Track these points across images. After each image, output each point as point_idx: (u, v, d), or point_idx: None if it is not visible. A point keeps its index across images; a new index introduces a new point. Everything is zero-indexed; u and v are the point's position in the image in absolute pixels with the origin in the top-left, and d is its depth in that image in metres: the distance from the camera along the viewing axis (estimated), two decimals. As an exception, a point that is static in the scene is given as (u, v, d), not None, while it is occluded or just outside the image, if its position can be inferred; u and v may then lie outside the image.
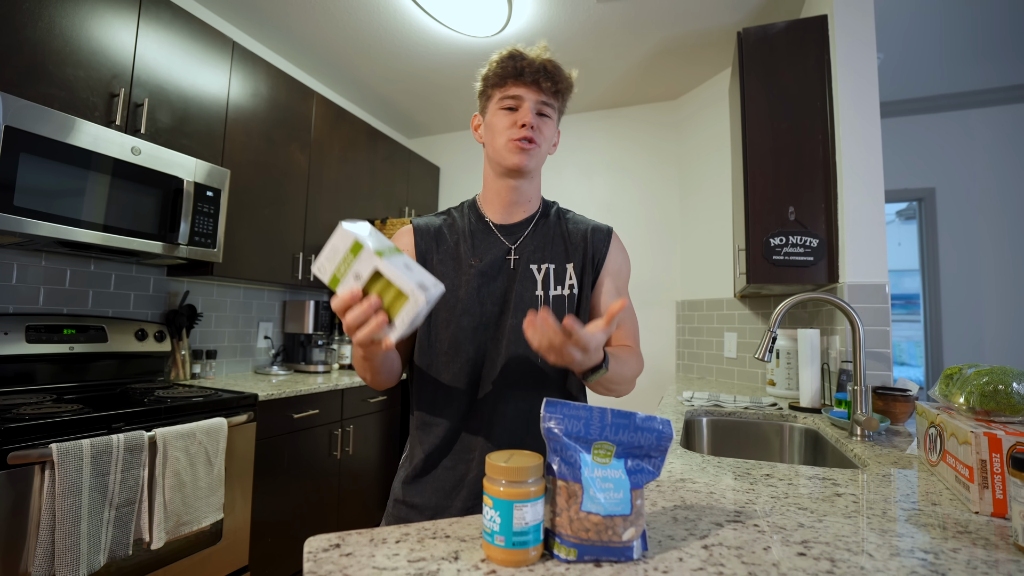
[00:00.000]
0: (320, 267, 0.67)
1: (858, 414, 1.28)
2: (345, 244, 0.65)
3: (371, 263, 0.64)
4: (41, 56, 1.58)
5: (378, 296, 0.64)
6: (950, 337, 3.23)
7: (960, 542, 0.64)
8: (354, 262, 0.65)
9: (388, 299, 0.64)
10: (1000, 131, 3.21)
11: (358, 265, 0.65)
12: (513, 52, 0.92)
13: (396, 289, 0.63)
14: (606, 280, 0.97)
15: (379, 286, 0.64)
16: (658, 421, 0.57)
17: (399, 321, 0.64)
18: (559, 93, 0.93)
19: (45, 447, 1.28)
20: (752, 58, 2.00)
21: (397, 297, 0.64)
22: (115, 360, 1.98)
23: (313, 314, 2.80)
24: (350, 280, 0.65)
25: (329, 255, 0.66)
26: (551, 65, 0.90)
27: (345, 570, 0.52)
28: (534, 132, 0.90)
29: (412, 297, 0.63)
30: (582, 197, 3.50)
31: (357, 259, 0.65)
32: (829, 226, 1.84)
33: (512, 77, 0.91)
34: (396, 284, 0.63)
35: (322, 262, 0.67)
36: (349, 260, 0.65)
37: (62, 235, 1.56)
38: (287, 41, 2.76)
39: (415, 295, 0.62)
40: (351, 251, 0.65)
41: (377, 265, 0.64)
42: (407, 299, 0.63)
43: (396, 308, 0.64)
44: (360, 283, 0.65)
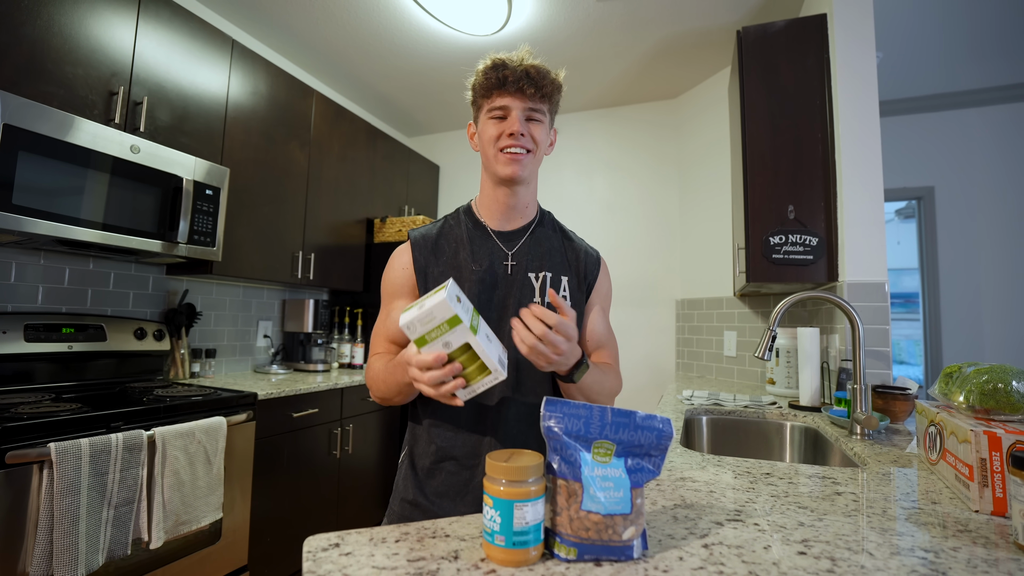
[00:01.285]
0: (410, 325, 0.70)
1: (858, 413, 1.28)
2: (443, 315, 0.69)
3: (464, 337, 0.71)
4: (40, 54, 1.58)
5: (460, 364, 0.72)
6: (949, 335, 3.23)
7: (960, 541, 0.64)
8: (448, 333, 0.70)
9: (469, 367, 0.72)
10: (999, 130, 3.21)
11: (451, 336, 0.70)
12: (496, 62, 0.92)
13: (481, 363, 0.72)
14: (596, 306, 1.02)
15: (465, 356, 0.72)
16: (658, 420, 0.57)
17: (476, 386, 0.73)
18: (545, 96, 0.93)
19: (44, 446, 1.27)
20: (751, 57, 2.00)
21: (480, 369, 0.72)
22: (114, 359, 1.98)
23: (312, 313, 2.80)
24: (438, 345, 0.71)
25: (423, 319, 0.69)
26: (534, 70, 0.90)
27: (344, 569, 0.52)
28: (524, 140, 0.91)
29: (494, 373, 0.72)
30: (582, 196, 3.49)
31: (452, 331, 0.70)
32: (828, 225, 1.84)
33: (496, 88, 0.91)
34: (483, 359, 0.72)
35: (413, 321, 0.70)
36: (443, 329, 0.70)
37: (61, 234, 1.55)
38: (287, 39, 2.75)
39: (497, 372, 0.72)
40: (448, 323, 0.70)
41: (469, 340, 0.71)
42: (489, 373, 0.72)
43: (475, 376, 0.73)
44: (447, 350, 0.71)
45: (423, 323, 0.69)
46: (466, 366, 0.72)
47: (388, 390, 0.89)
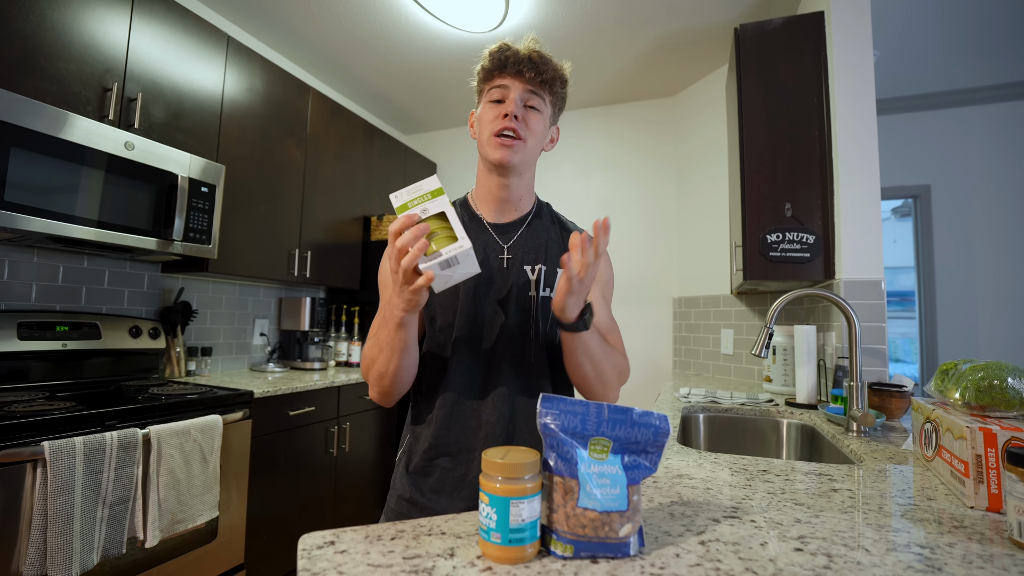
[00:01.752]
0: (397, 195, 0.77)
1: (854, 410, 1.28)
2: (430, 186, 0.77)
3: (442, 206, 0.76)
4: (32, 49, 1.56)
5: (429, 226, 0.73)
6: (945, 333, 3.24)
7: (956, 537, 0.64)
8: (428, 201, 0.76)
9: (438, 234, 0.75)
10: (996, 128, 3.22)
11: (430, 204, 0.76)
12: (501, 45, 0.92)
13: (450, 232, 0.75)
14: (595, 291, 0.98)
15: (435, 225, 0.75)
16: (655, 417, 0.57)
17: (443, 253, 0.73)
18: (546, 83, 0.91)
19: (37, 445, 1.27)
20: (749, 54, 2.00)
21: (448, 238, 0.74)
22: (109, 357, 1.97)
23: (309, 311, 2.79)
24: (416, 212, 0.75)
25: (412, 189, 0.77)
26: (536, 55, 0.90)
27: (340, 567, 0.52)
28: (518, 124, 0.88)
29: (460, 240, 0.74)
30: (579, 194, 3.49)
31: (432, 200, 0.76)
32: (825, 223, 1.84)
33: (498, 69, 0.91)
34: (453, 227, 0.75)
35: (401, 193, 0.77)
36: (426, 198, 0.76)
37: (55, 231, 1.54)
38: (283, 36, 2.74)
39: (463, 239, 0.74)
40: (432, 193, 0.76)
41: (446, 209, 0.76)
42: (455, 240, 0.74)
43: (441, 243, 0.74)
44: (424, 215, 0.75)
45: (410, 193, 0.77)
46: (434, 231, 0.75)
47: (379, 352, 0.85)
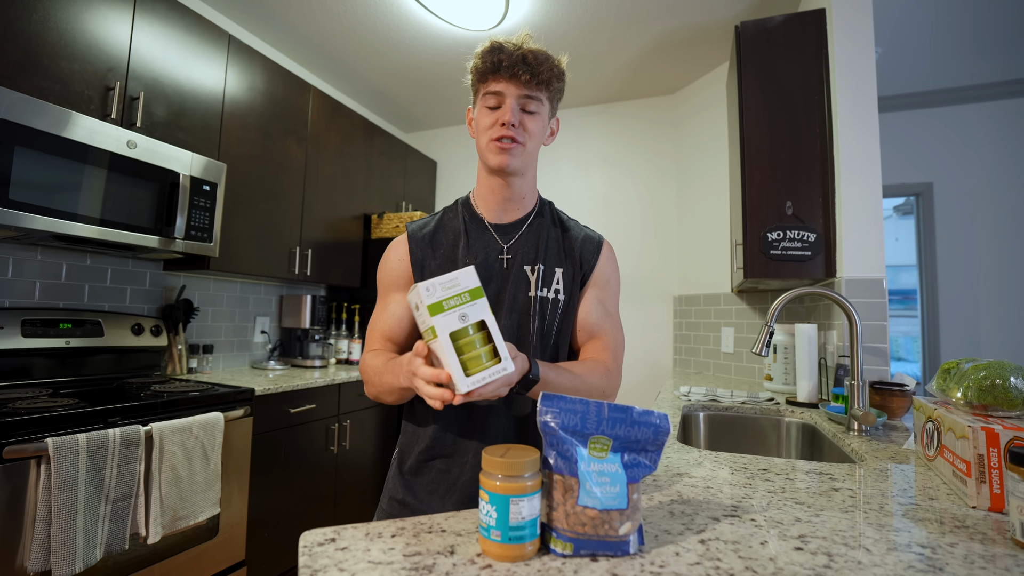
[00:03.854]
0: (430, 287, 0.66)
1: (855, 409, 1.28)
2: (468, 283, 0.67)
3: (483, 314, 0.67)
4: (36, 49, 1.57)
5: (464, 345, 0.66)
6: (947, 332, 3.23)
7: (957, 537, 0.64)
8: (467, 304, 0.66)
9: (476, 350, 0.66)
10: (997, 126, 3.21)
11: (470, 309, 0.66)
12: (493, 45, 0.88)
13: (491, 347, 0.66)
14: (589, 290, 0.95)
15: (472, 339, 0.66)
16: (655, 415, 0.57)
17: (481, 376, 0.64)
18: (542, 84, 0.88)
19: (41, 441, 1.27)
20: (750, 52, 1.99)
21: (489, 354, 0.66)
22: (111, 355, 1.98)
23: (310, 309, 2.79)
24: (454, 317, 0.66)
25: (446, 284, 0.66)
26: (531, 55, 0.86)
27: (340, 564, 0.52)
28: (516, 131, 0.87)
29: (504, 361, 0.66)
30: (579, 192, 3.49)
31: (472, 304, 0.67)
32: (827, 221, 1.84)
33: (492, 72, 0.88)
34: (496, 343, 0.66)
35: (434, 284, 0.66)
36: (464, 299, 0.66)
37: (58, 229, 1.55)
38: (284, 35, 2.74)
39: (507, 361, 0.66)
40: (470, 293, 0.67)
41: (487, 318, 0.67)
42: (497, 361, 0.66)
43: (480, 364, 0.65)
44: (463, 323, 0.66)
45: (444, 287, 0.66)
46: (470, 350, 0.66)
47: (381, 390, 0.86)
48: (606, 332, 0.94)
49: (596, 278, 0.96)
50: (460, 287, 0.66)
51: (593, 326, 0.93)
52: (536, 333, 0.90)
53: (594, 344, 0.93)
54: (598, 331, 0.93)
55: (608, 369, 0.90)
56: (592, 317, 0.93)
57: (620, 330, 0.97)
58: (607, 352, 0.93)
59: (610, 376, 0.90)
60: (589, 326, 0.93)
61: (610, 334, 0.94)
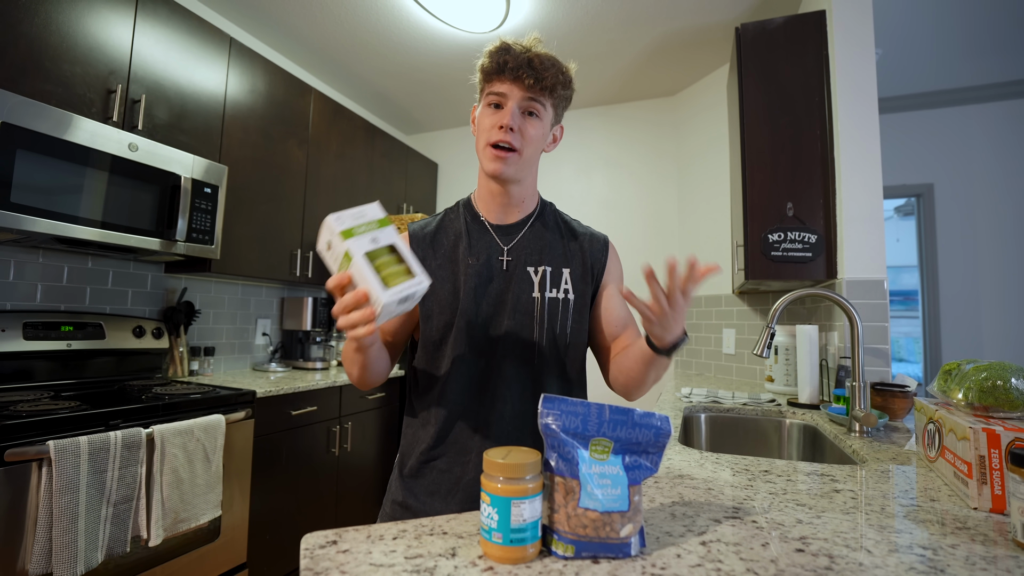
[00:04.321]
0: (339, 218, 0.69)
1: (856, 410, 1.28)
2: (375, 214, 0.71)
3: (392, 237, 0.71)
4: (38, 52, 1.57)
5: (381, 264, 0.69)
6: (948, 333, 3.23)
7: (959, 538, 0.64)
8: (377, 230, 0.70)
9: (391, 270, 0.68)
10: (999, 127, 3.21)
11: (380, 233, 0.70)
12: (501, 45, 0.88)
13: (405, 267, 0.69)
14: (610, 286, 0.98)
15: (387, 259, 0.69)
16: (656, 418, 0.57)
17: (396, 289, 0.67)
18: (546, 89, 0.87)
19: (42, 444, 1.27)
20: (750, 54, 1.99)
21: (403, 273, 0.69)
22: (113, 357, 1.98)
23: (311, 311, 2.79)
24: (365, 240, 0.69)
25: (355, 215, 0.70)
26: (537, 60, 0.86)
27: (342, 567, 0.52)
28: (513, 136, 0.86)
29: (418, 276, 0.69)
30: (580, 193, 3.49)
31: (381, 229, 0.70)
32: (827, 222, 1.84)
33: (496, 73, 0.87)
34: (408, 262, 0.70)
35: (343, 215, 0.69)
36: (373, 226, 0.70)
37: (60, 232, 1.55)
38: (285, 37, 2.74)
39: (420, 275, 0.70)
40: (379, 222, 0.71)
41: (396, 241, 0.71)
42: (412, 277, 0.69)
43: (396, 278, 0.68)
44: (375, 245, 0.69)
45: (353, 217, 0.70)
46: (387, 267, 0.69)
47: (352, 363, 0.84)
48: (634, 323, 0.98)
49: (611, 275, 0.99)
50: (368, 217, 0.70)
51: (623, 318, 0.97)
52: (546, 333, 0.90)
53: (629, 334, 0.96)
54: (628, 322, 0.97)
55: None
56: (621, 310, 0.97)
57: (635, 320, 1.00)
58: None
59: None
60: (621, 319, 0.97)
61: (634, 325, 0.98)
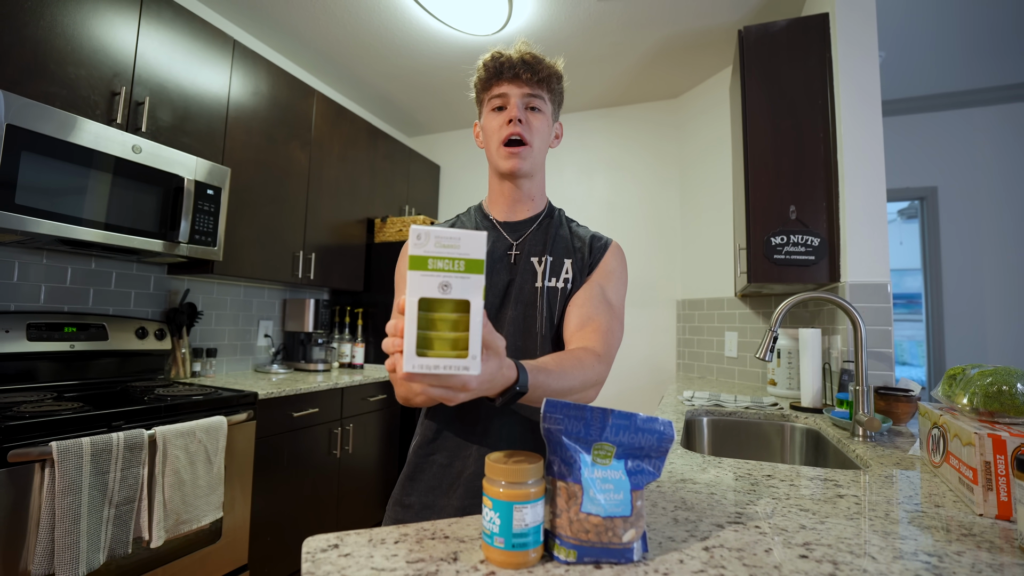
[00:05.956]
0: (422, 236, 0.52)
1: (860, 414, 1.27)
2: (471, 250, 0.53)
3: (474, 295, 0.53)
4: (43, 54, 1.58)
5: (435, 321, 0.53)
6: (952, 337, 3.22)
7: (964, 545, 0.63)
8: (458, 275, 0.53)
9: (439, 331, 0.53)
10: (1002, 130, 3.20)
11: (460, 281, 0.53)
12: (493, 53, 0.94)
13: (462, 338, 0.53)
14: (591, 279, 0.93)
15: (445, 318, 0.53)
16: (659, 422, 0.57)
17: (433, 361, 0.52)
18: (543, 82, 0.93)
19: (45, 445, 1.28)
20: (753, 56, 1.99)
21: (454, 344, 0.53)
22: (115, 358, 1.98)
23: (313, 312, 2.80)
24: (434, 281, 0.52)
25: (444, 239, 0.52)
26: (530, 57, 0.92)
27: (343, 571, 0.52)
28: (523, 127, 0.91)
29: (470, 360, 0.52)
30: (582, 196, 3.49)
31: (466, 276, 0.53)
32: (831, 225, 1.83)
33: (495, 77, 0.93)
34: (472, 336, 0.53)
35: (429, 235, 0.52)
36: (458, 267, 0.53)
37: (63, 233, 1.55)
38: (288, 39, 2.75)
39: (473, 363, 0.52)
40: (468, 264, 0.53)
41: (474, 301, 0.53)
42: (463, 356, 0.52)
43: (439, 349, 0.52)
44: (442, 295, 0.52)
45: (440, 243, 0.52)
46: (437, 329, 0.52)
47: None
48: (598, 319, 0.89)
49: (600, 268, 0.95)
50: (459, 251, 0.52)
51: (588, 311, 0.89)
52: (547, 323, 0.91)
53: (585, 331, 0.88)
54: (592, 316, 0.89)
55: (598, 355, 0.83)
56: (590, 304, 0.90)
57: (617, 320, 0.91)
58: (597, 337, 0.86)
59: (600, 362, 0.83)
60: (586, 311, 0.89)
61: (603, 321, 0.89)
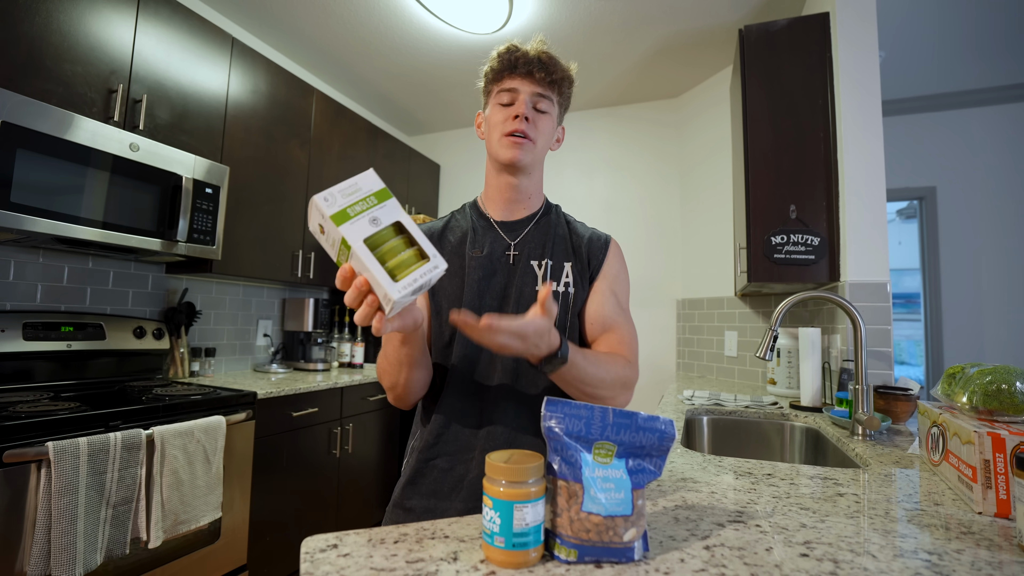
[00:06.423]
0: (328, 197, 0.57)
1: (859, 413, 1.27)
2: (370, 185, 0.58)
3: (395, 213, 0.58)
4: (39, 51, 1.57)
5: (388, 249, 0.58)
6: (950, 336, 3.22)
7: (964, 543, 0.63)
8: (376, 207, 0.58)
9: (399, 257, 0.58)
10: (1001, 130, 3.20)
11: (380, 211, 0.57)
12: (509, 46, 0.92)
13: (416, 250, 0.58)
14: (600, 283, 0.95)
15: (393, 242, 0.58)
16: (661, 421, 0.57)
17: (407, 280, 0.56)
18: (554, 83, 0.92)
19: (42, 445, 1.27)
20: (753, 56, 1.99)
21: (415, 256, 0.58)
22: (113, 358, 1.97)
23: (312, 312, 2.79)
24: (363, 221, 0.56)
25: (346, 190, 0.57)
26: (545, 56, 0.91)
27: (342, 571, 0.51)
28: (528, 126, 0.89)
29: (432, 259, 0.58)
30: (582, 195, 3.49)
31: (381, 205, 0.58)
32: (830, 224, 1.83)
33: (507, 70, 0.91)
34: (420, 243, 0.58)
35: (333, 193, 0.57)
36: (371, 203, 0.57)
37: (60, 232, 1.55)
38: (287, 37, 2.74)
39: (436, 258, 0.58)
40: (376, 195, 0.58)
41: (401, 217, 0.58)
42: (426, 260, 0.58)
43: (407, 267, 0.57)
44: (376, 227, 0.57)
45: (345, 195, 0.57)
46: (395, 253, 0.57)
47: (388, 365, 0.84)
48: (620, 326, 0.92)
49: (605, 272, 0.96)
50: (362, 191, 0.58)
51: (607, 318, 0.92)
52: None
53: (609, 337, 0.91)
54: (612, 324, 0.92)
55: (629, 361, 0.89)
56: (606, 309, 0.92)
57: (633, 326, 0.95)
58: (624, 347, 0.91)
59: (631, 368, 0.89)
60: (603, 318, 0.92)
61: (624, 330, 0.92)
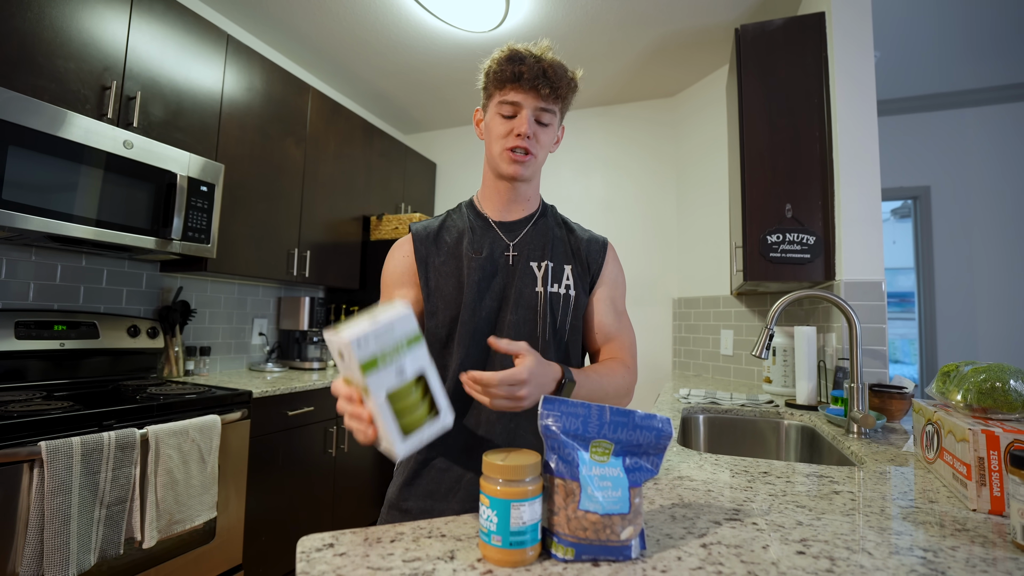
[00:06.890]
0: (361, 341, 0.53)
1: (855, 411, 1.28)
2: (405, 329, 0.56)
3: (422, 361, 0.58)
4: (31, 47, 1.56)
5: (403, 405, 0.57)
6: (944, 335, 3.24)
7: (958, 540, 0.64)
8: (405, 353, 0.56)
9: (414, 415, 0.57)
10: (995, 130, 3.22)
11: (408, 360, 0.56)
12: (512, 54, 0.88)
13: (429, 402, 0.58)
14: (600, 290, 0.98)
15: (413, 396, 0.57)
16: (657, 419, 0.57)
17: (413, 439, 0.57)
18: (559, 98, 0.90)
19: (34, 445, 1.26)
20: (749, 55, 1.99)
21: (427, 413, 0.58)
22: (107, 357, 1.96)
23: (308, 310, 2.78)
24: (390, 371, 0.55)
25: (380, 332, 0.54)
26: (551, 70, 0.87)
27: (339, 570, 0.51)
28: (530, 142, 0.89)
29: (441, 416, 0.59)
30: (579, 194, 3.49)
31: (411, 350, 0.56)
32: (826, 224, 1.84)
33: (510, 81, 0.87)
34: (435, 395, 0.59)
35: (367, 336, 0.53)
36: (401, 349, 0.56)
37: (53, 230, 1.53)
38: (282, 35, 2.73)
39: (445, 415, 0.59)
40: (408, 341, 0.56)
41: (426, 366, 0.58)
42: (435, 416, 0.58)
43: (418, 425, 0.57)
44: (400, 381, 0.56)
45: (378, 338, 0.54)
46: (411, 410, 0.57)
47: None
48: (621, 336, 0.98)
49: (605, 278, 0.99)
50: (396, 336, 0.55)
51: (609, 328, 0.97)
52: (548, 328, 0.91)
53: (610, 347, 0.97)
54: (613, 334, 0.97)
55: (627, 367, 0.95)
56: (608, 319, 0.97)
57: (631, 328, 1.01)
58: (625, 352, 0.97)
59: (629, 373, 0.94)
60: (605, 329, 0.97)
61: (625, 337, 0.98)
